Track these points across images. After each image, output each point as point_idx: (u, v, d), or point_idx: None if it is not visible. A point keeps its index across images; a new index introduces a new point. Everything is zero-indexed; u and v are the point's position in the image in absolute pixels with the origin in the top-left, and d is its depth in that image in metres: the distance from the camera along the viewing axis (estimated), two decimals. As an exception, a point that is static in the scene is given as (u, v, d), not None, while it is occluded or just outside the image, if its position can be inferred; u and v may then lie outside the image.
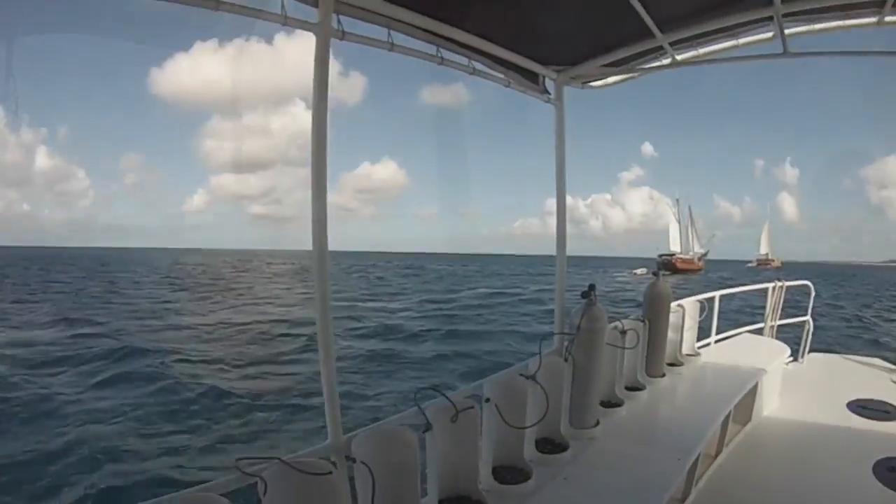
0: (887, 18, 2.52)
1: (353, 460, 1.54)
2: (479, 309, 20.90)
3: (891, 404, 4.18)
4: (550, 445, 2.28)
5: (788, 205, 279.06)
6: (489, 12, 2.16)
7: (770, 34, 2.47)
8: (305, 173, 1.61)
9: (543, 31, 2.36)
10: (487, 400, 2.02)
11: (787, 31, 2.45)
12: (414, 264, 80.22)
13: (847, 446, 3.45)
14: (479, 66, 2.33)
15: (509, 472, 2.04)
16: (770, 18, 2.40)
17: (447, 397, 1.83)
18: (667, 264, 59.72)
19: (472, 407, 1.87)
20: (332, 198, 1.68)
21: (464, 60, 2.28)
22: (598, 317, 2.48)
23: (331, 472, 1.41)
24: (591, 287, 2.49)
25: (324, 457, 1.54)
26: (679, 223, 78.78)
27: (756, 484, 3.04)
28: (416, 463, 1.65)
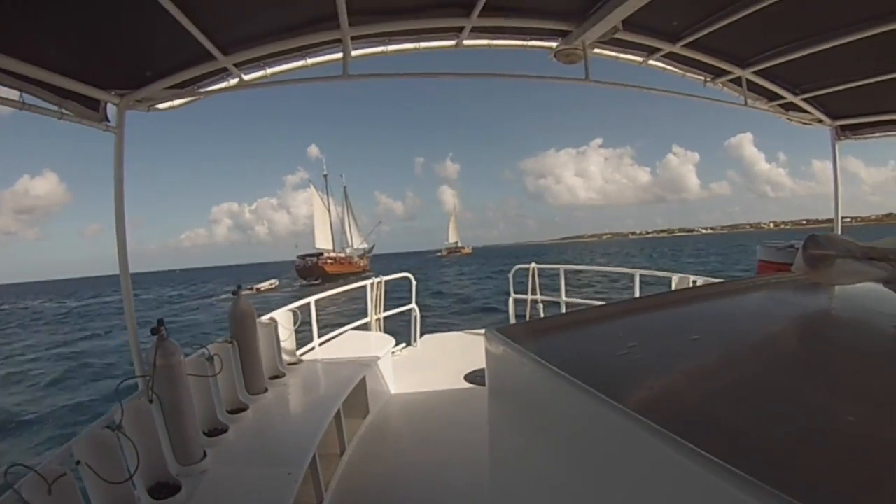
0: (465, 42, 3.02)
1: None
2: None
3: None
4: (165, 489, 2.23)
5: (450, 196, 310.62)
6: (46, 36, 2.01)
7: (339, 55, 2.79)
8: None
9: (105, 55, 2.29)
10: (78, 462, 1.93)
11: (353, 54, 2.79)
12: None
13: (470, 413, 3.63)
14: (29, 99, 2.17)
15: None
16: (339, 41, 2.73)
17: (35, 470, 1.69)
18: (309, 268, 45.49)
19: (65, 474, 1.77)
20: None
21: (14, 94, 2.11)
22: (173, 350, 2.42)
23: None
24: (160, 322, 2.44)
25: None
26: (330, 212, 57.38)
27: (387, 467, 3.13)
28: None
